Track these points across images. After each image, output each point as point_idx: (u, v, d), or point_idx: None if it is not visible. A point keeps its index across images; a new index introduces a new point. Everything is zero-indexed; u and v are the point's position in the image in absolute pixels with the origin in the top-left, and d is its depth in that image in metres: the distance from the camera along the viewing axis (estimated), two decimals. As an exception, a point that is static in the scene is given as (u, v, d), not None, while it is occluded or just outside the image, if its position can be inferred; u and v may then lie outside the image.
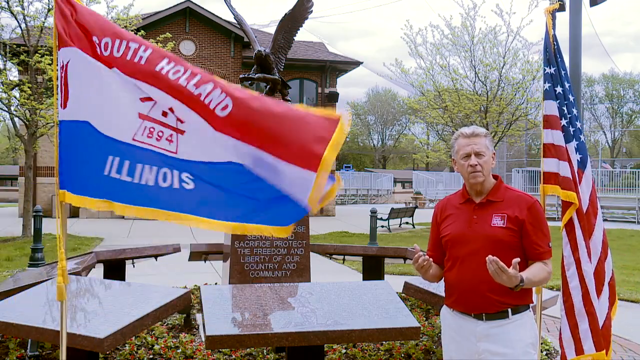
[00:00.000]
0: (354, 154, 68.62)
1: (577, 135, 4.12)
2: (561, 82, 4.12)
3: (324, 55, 25.62)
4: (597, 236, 4.04)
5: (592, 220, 4.04)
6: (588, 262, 3.86)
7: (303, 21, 5.73)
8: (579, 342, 3.82)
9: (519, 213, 2.85)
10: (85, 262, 5.72)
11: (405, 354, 5.01)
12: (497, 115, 20.05)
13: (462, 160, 2.93)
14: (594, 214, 4.07)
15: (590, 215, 4.04)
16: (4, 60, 16.12)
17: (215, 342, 3.45)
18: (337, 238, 16.44)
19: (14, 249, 12.70)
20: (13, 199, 35.94)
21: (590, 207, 4.05)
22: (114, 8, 15.92)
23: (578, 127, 4.16)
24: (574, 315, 3.84)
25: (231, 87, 2.75)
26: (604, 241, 4.08)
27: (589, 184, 4.11)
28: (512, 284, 2.66)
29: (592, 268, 3.89)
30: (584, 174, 4.10)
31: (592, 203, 4.07)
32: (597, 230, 4.06)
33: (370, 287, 4.47)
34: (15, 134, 16.48)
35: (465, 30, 20.11)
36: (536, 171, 28.11)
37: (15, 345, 4.92)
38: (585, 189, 4.06)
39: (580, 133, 4.17)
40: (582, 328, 3.82)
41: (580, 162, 4.09)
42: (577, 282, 3.84)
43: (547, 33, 4.16)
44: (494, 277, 2.64)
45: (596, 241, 4.02)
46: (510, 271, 2.60)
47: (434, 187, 40.50)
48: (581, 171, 4.08)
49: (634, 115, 64.14)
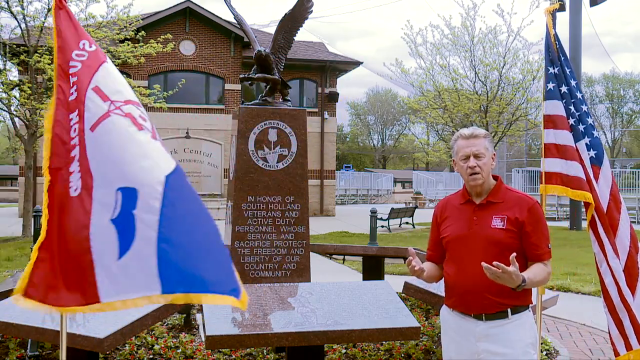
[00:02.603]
0: (354, 154, 68.61)
1: (589, 132, 4.05)
2: (566, 81, 4.09)
3: (324, 55, 25.61)
4: (623, 231, 3.93)
5: (615, 215, 3.94)
6: (615, 257, 3.81)
7: (303, 21, 5.73)
8: (626, 338, 3.80)
9: (519, 214, 2.85)
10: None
11: (405, 354, 5.01)
12: (497, 115, 20.05)
13: (462, 162, 2.93)
14: (617, 209, 3.97)
15: (613, 210, 3.95)
16: (4, 60, 16.12)
17: (215, 342, 3.45)
18: (337, 238, 16.44)
19: (14, 249, 12.69)
20: (13, 199, 35.92)
21: (613, 203, 3.96)
22: (113, 8, 15.91)
23: (590, 124, 4.09)
24: (615, 311, 3.81)
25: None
26: (633, 235, 3.95)
27: (607, 180, 4.02)
28: (514, 284, 2.66)
29: (619, 263, 3.82)
30: (601, 170, 4.02)
31: (614, 198, 3.99)
32: (623, 225, 3.95)
33: (370, 287, 4.48)
34: (15, 134, 16.47)
35: (465, 30, 20.12)
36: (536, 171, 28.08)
37: (15, 345, 4.92)
38: (604, 185, 3.98)
39: (593, 129, 4.10)
40: (625, 324, 3.80)
41: (596, 158, 4.02)
42: (611, 278, 3.80)
43: (548, 33, 4.15)
44: (495, 280, 2.65)
45: (622, 236, 3.91)
46: (510, 269, 2.61)
47: (434, 187, 40.49)
48: (597, 167, 4.01)
49: (634, 115, 64.10)
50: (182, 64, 23.65)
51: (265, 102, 5.61)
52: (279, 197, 5.39)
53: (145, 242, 2.31)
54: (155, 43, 16.22)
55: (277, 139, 5.47)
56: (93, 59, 2.67)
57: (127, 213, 2.35)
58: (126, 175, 2.39)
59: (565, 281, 9.34)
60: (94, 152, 2.45)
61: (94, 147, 2.46)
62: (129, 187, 2.37)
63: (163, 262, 2.31)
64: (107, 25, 15.79)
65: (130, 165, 2.40)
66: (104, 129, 2.47)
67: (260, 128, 5.44)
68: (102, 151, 2.45)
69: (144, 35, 17.29)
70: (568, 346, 5.80)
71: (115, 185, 2.38)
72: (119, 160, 2.42)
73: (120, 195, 2.37)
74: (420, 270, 2.84)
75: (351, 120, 71.31)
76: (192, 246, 2.37)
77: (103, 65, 2.67)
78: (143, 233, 2.32)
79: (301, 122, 5.56)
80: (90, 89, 2.57)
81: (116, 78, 2.68)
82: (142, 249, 2.32)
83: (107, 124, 2.48)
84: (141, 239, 2.32)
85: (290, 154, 5.48)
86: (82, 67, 2.63)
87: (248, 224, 5.32)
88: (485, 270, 2.62)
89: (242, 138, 5.40)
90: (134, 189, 2.36)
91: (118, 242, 2.34)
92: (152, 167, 2.42)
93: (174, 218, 2.36)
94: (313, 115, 24.82)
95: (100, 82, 2.60)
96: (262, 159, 5.41)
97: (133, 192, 2.36)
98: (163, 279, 2.30)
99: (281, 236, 5.37)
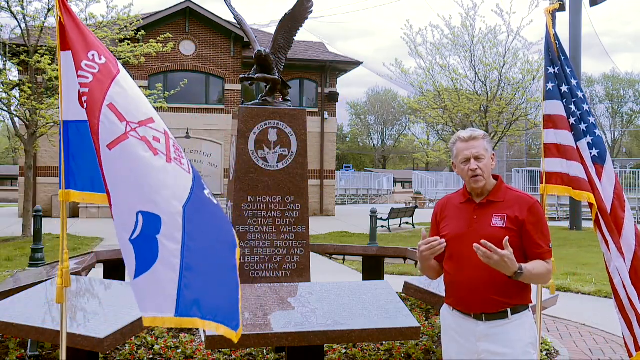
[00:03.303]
0: (354, 154, 68.60)
1: (591, 131, 4.02)
2: (566, 81, 4.07)
3: (324, 55, 25.62)
4: (629, 230, 3.88)
5: (619, 214, 3.89)
6: (619, 257, 3.77)
7: (303, 21, 5.73)
8: (636, 338, 3.77)
9: (519, 213, 2.85)
10: (85, 262, 5.73)
11: (405, 354, 5.01)
12: (497, 115, 20.05)
13: (462, 165, 2.93)
14: (622, 208, 3.92)
15: (617, 209, 3.90)
16: (4, 60, 16.11)
17: (215, 342, 3.45)
18: (337, 238, 16.44)
19: (14, 249, 12.69)
20: (13, 199, 35.93)
21: (617, 201, 3.92)
22: (114, 8, 15.91)
23: (591, 123, 4.06)
24: (625, 311, 3.79)
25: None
26: (638, 234, 3.89)
27: (611, 178, 3.98)
28: (509, 270, 2.67)
29: (624, 263, 3.78)
30: (604, 169, 3.98)
31: (618, 196, 3.95)
32: (628, 224, 3.89)
33: (370, 287, 4.48)
34: (15, 134, 16.46)
35: (465, 30, 20.11)
36: (536, 171, 28.08)
37: (15, 345, 4.92)
38: (607, 184, 3.95)
39: (595, 128, 4.07)
40: (635, 324, 3.77)
41: (598, 157, 3.98)
42: (620, 279, 3.77)
43: (548, 33, 4.15)
44: (489, 264, 2.65)
45: (628, 235, 3.86)
46: (503, 252, 2.61)
47: (434, 187, 40.50)
48: (600, 166, 3.97)
49: (634, 115, 64.09)
50: (182, 64, 23.66)
51: (265, 102, 5.61)
52: (279, 197, 5.39)
53: (168, 267, 2.47)
54: (155, 43, 16.22)
55: (277, 139, 5.47)
56: (104, 72, 2.74)
57: (150, 237, 2.49)
58: (147, 201, 2.53)
59: (565, 281, 9.35)
60: (111, 170, 2.57)
61: (111, 166, 2.57)
62: (152, 212, 2.52)
63: (182, 288, 2.46)
64: (108, 25, 15.79)
65: (151, 193, 2.55)
66: (123, 150, 2.58)
67: (260, 128, 5.43)
68: (121, 172, 2.57)
69: (144, 35, 17.28)
70: (568, 346, 5.80)
71: (136, 208, 2.52)
72: (139, 185, 2.55)
73: (142, 218, 2.50)
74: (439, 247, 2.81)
75: (351, 120, 71.42)
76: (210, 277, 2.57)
77: (116, 80, 2.73)
78: (166, 259, 2.48)
79: (301, 122, 5.56)
80: (105, 105, 2.64)
81: (129, 94, 2.75)
82: (163, 273, 2.47)
83: (126, 146, 2.58)
84: (163, 264, 2.48)
85: (290, 154, 5.48)
86: (94, 81, 2.69)
87: (248, 224, 5.32)
88: (477, 250, 2.63)
89: (242, 138, 5.40)
90: (158, 215, 2.51)
91: (135, 262, 2.48)
92: (170, 198, 2.56)
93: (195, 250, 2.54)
94: (313, 115, 24.82)
95: (115, 100, 2.67)
96: (262, 159, 5.41)
97: (157, 219, 2.51)
98: (180, 303, 2.46)
99: (281, 236, 5.37)
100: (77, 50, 2.77)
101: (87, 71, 2.71)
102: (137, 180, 2.55)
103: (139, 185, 2.54)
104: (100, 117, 2.61)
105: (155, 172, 2.58)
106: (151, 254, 2.47)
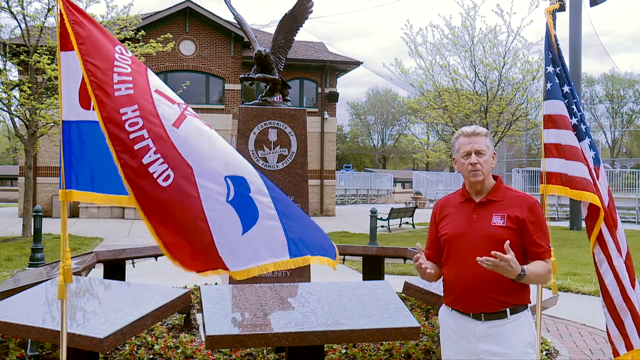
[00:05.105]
0: (354, 154, 68.59)
1: (589, 133, 4.11)
2: (568, 81, 4.10)
3: (324, 55, 25.61)
4: (620, 228, 3.98)
5: (614, 214, 3.98)
6: (618, 256, 3.83)
7: (303, 21, 5.73)
8: (627, 337, 3.80)
9: (519, 213, 2.85)
10: (85, 262, 5.72)
11: (405, 354, 5.01)
12: (497, 115, 20.04)
13: (463, 159, 2.94)
14: (614, 207, 4.03)
15: (612, 209, 3.99)
16: (4, 60, 16.11)
17: (215, 342, 3.45)
18: (337, 238, 16.43)
19: (14, 249, 12.69)
20: (13, 199, 35.92)
21: (611, 201, 4.01)
22: (113, 8, 15.90)
23: (588, 126, 4.16)
24: (616, 311, 3.82)
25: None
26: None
27: (604, 179, 4.09)
28: (512, 274, 2.68)
29: (622, 262, 3.84)
30: (600, 170, 4.09)
31: (611, 197, 4.04)
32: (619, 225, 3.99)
33: (370, 287, 4.47)
34: (15, 134, 16.45)
35: (465, 30, 20.11)
36: (536, 171, 28.09)
37: (15, 345, 4.92)
38: (603, 184, 4.03)
39: (589, 130, 4.18)
40: (627, 323, 3.81)
41: (596, 158, 4.07)
42: (612, 278, 3.81)
43: (548, 33, 4.14)
44: (493, 270, 2.65)
45: (621, 233, 3.95)
46: (507, 257, 2.62)
47: (434, 187, 40.49)
48: (597, 167, 4.06)
49: (634, 115, 64.09)
50: (182, 64, 23.66)
51: (265, 102, 5.61)
52: (279, 197, 5.39)
53: (269, 218, 2.83)
54: (155, 43, 16.21)
55: (277, 139, 5.47)
56: (136, 63, 2.92)
57: (245, 196, 2.82)
58: (229, 166, 2.82)
59: (565, 281, 9.35)
60: (184, 146, 2.77)
61: (183, 141, 2.78)
62: (237, 175, 2.84)
63: (288, 233, 2.87)
64: (107, 25, 15.77)
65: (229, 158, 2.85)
66: (187, 127, 2.82)
67: (260, 128, 5.44)
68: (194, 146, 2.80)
69: (144, 35, 17.27)
70: (568, 346, 5.80)
71: (223, 174, 2.79)
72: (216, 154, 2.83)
73: (230, 182, 2.80)
74: (426, 269, 2.85)
75: (351, 120, 71.40)
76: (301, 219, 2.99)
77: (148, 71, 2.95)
78: (265, 212, 2.83)
79: (301, 122, 5.56)
80: (153, 91, 2.84)
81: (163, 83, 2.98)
82: (268, 223, 2.83)
83: (189, 123, 2.83)
84: (264, 216, 2.83)
85: (290, 154, 5.48)
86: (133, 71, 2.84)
87: (248, 224, 5.31)
88: (481, 263, 2.64)
89: (242, 138, 5.40)
90: (242, 177, 2.84)
91: (240, 219, 2.79)
92: (242, 160, 2.91)
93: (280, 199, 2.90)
94: (313, 115, 24.82)
95: (158, 86, 2.89)
96: (262, 159, 5.41)
97: (242, 180, 2.82)
98: (290, 246, 2.88)
99: (281, 236, 5.37)
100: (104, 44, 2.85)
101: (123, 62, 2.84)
102: (214, 150, 2.81)
103: (216, 154, 2.80)
104: (154, 102, 2.79)
105: (221, 141, 2.87)
106: (252, 209, 2.79)
